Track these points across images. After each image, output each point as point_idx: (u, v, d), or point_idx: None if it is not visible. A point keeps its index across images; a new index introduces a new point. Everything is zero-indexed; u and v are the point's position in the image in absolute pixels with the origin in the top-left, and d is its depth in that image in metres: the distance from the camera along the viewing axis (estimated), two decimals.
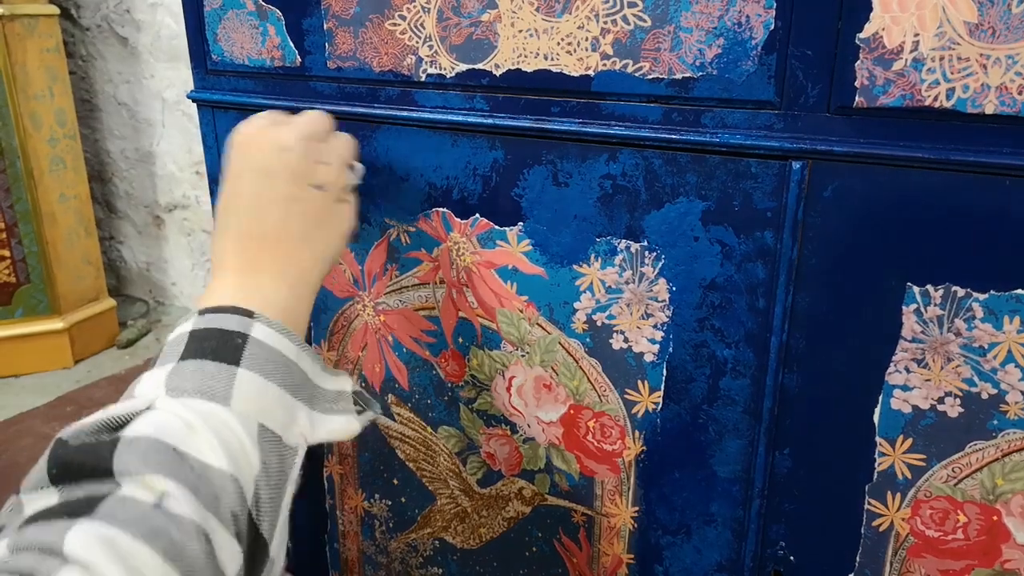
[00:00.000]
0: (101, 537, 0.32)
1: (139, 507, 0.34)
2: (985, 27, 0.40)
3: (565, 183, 0.56)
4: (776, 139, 0.47)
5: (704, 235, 0.52)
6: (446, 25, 0.57)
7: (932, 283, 0.46)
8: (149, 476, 0.34)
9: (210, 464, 0.36)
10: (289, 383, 0.43)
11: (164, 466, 0.35)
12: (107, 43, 2.41)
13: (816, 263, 0.49)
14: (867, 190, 0.46)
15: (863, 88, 0.44)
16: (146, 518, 0.33)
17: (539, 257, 0.59)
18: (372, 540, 0.80)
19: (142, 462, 0.35)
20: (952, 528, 0.49)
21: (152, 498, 0.34)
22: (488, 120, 0.57)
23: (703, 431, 0.56)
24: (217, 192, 0.55)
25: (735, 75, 0.48)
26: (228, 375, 0.40)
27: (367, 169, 0.66)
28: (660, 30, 0.49)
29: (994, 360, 0.45)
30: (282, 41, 0.66)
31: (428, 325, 0.67)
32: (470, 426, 0.68)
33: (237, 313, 0.43)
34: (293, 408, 0.42)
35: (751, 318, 0.52)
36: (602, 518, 0.63)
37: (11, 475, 1.70)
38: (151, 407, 0.38)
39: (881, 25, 0.43)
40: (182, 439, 0.36)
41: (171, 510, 0.34)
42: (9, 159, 2.02)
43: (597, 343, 0.58)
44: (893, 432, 0.49)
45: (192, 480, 0.35)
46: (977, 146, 0.42)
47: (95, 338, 2.29)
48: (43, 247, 2.12)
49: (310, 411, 0.44)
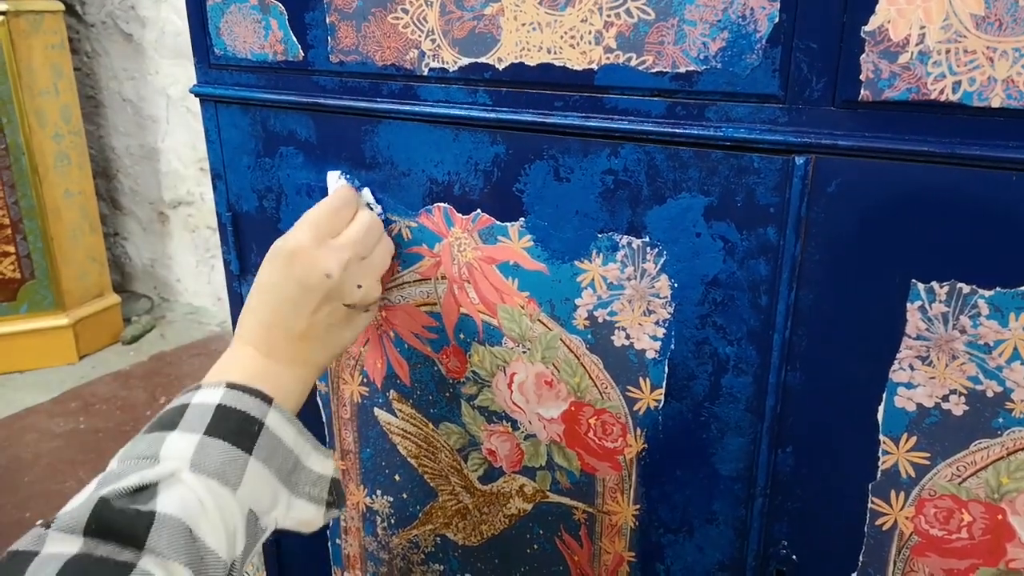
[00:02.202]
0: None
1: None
2: (992, 19, 0.40)
3: (567, 178, 0.56)
4: (780, 133, 0.47)
5: (706, 231, 0.51)
6: (449, 19, 0.57)
7: (937, 280, 0.45)
8: (171, 563, 0.40)
9: (212, 550, 0.42)
10: (283, 469, 0.48)
11: (182, 552, 0.40)
12: (112, 39, 2.41)
13: (819, 259, 0.48)
14: (871, 185, 0.45)
15: (868, 81, 0.44)
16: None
17: (540, 253, 0.58)
18: (374, 536, 0.80)
19: (169, 546, 0.40)
20: (956, 527, 0.49)
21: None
22: (491, 114, 0.57)
23: (705, 429, 0.56)
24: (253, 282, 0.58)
25: (739, 69, 0.47)
26: (241, 463, 0.45)
27: (369, 168, 0.65)
28: (664, 23, 0.49)
29: (1000, 357, 0.45)
30: (284, 35, 0.66)
31: (430, 321, 0.67)
32: (471, 422, 0.68)
33: (257, 397, 0.48)
34: (278, 493, 0.47)
35: (753, 315, 0.51)
36: (603, 516, 0.63)
37: (16, 470, 1.70)
38: (177, 477, 0.43)
39: (887, 18, 0.42)
40: (197, 521, 0.42)
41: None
42: (14, 155, 2.02)
43: (599, 340, 0.58)
44: (897, 430, 0.49)
45: (197, 563, 0.41)
46: (983, 140, 0.42)
47: (99, 334, 2.30)
48: (48, 243, 2.12)
49: (289, 496, 0.48)
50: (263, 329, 0.55)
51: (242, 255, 0.79)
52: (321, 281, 0.55)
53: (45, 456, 1.76)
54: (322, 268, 0.55)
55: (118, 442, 1.80)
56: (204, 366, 2.16)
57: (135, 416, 1.92)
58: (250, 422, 0.46)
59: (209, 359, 2.20)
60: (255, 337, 0.55)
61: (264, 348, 0.55)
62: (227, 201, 0.77)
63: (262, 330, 0.55)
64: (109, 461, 0.46)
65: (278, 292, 0.56)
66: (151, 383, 2.10)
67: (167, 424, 0.46)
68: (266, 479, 0.46)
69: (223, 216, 0.78)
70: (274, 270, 0.56)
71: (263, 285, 0.57)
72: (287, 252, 0.56)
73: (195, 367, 2.17)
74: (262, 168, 0.73)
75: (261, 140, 0.72)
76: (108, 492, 0.40)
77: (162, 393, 2.03)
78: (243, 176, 0.75)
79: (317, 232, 0.57)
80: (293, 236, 0.56)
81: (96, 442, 1.81)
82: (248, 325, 0.56)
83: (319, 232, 0.57)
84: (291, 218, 0.72)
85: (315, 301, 0.56)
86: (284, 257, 0.56)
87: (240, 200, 0.76)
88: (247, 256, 0.78)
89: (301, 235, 0.56)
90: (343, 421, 0.77)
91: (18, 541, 0.39)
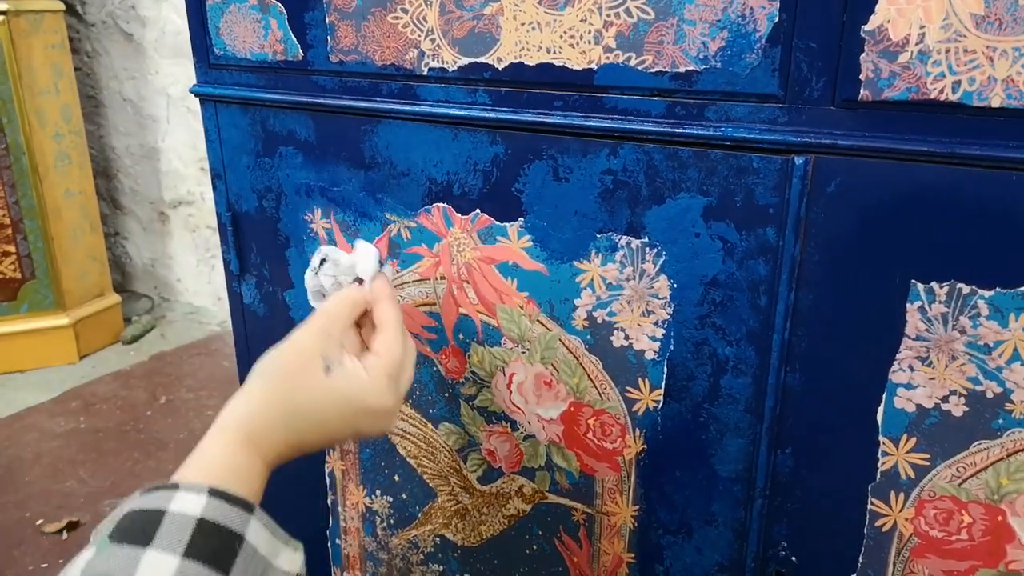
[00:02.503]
0: None
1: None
2: (992, 19, 0.40)
3: (566, 178, 0.56)
4: (780, 133, 0.47)
5: (705, 231, 0.51)
6: (448, 18, 0.57)
7: (937, 280, 0.45)
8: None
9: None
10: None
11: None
12: (112, 39, 2.41)
13: (819, 260, 0.48)
14: (871, 185, 0.45)
15: (868, 81, 0.44)
16: None
17: (539, 253, 0.58)
18: (373, 536, 0.80)
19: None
20: (956, 528, 0.48)
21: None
22: (490, 114, 0.57)
23: (704, 430, 0.56)
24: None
25: (739, 68, 0.47)
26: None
27: (368, 168, 0.65)
28: (663, 23, 0.49)
29: (1000, 358, 0.44)
30: (284, 35, 0.66)
31: (429, 321, 0.67)
32: (470, 423, 0.68)
33: (240, 506, 0.45)
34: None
35: (753, 316, 0.51)
36: (602, 516, 0.63)
37: (16, 470, 1.70)
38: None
39: (886, 17, 0.42)
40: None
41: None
42: (15, 155, 2.02)
43: (598, 340, 0.58)
44: (896, 431, 0.49)
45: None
46: (983, 140, 0.42)
47: (100, 334, 2.30)
48: (48, 243, 2.12)
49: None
50: (267, 431, 0.50)
51: (242, 255, 0.79)
52: (373, 425, 0.52)
53: (46, 456, 1.76)
54: (390, 427, 0.53)
55: (119, 442, 1.80)
56: (204, 366, 2.16)
57: (135, 416, 1.92)
58: (231, 538, 0.43)
59: (209, 359, 2.20)
60: (255, 435, 0.49)
61: (261, 447, 0.49)
62: (227, 201, 0.77)
63: (266, 432, 0.50)
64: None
65: (318, 419, 0.51)
66: (151, 383, 2.10)
67: (140, 535, 0.42)
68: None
69: (223, 216, 0.78)
70: (335, 407, 0.51)
71: (302, 404, 0.50)
72: (367, 407, 0.51)
73: (195, 367, 2.17)
74: (262, 168, 0.73)
75: (261, 140, 0.72)
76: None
77: (162, 393, 2.03)
78: (243, 176, 0.75)
79: (397, 387, 0.53)
80: (379, 392, 0.51)
81: (96, 442, 1.81)
82: (253, 423, 0.50)
83: (399, 390, 0.53)
84: (290, 218, 0.72)
85: (352, 436, 0.53)
86: (360, 410, 0.51)
87: (240, 200, 0.76)
88: (247, 256, 0.78)
89: (388, 396, 0.52)
90: None
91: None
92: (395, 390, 0.53)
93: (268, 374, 0.51)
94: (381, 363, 0.52)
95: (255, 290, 0.79)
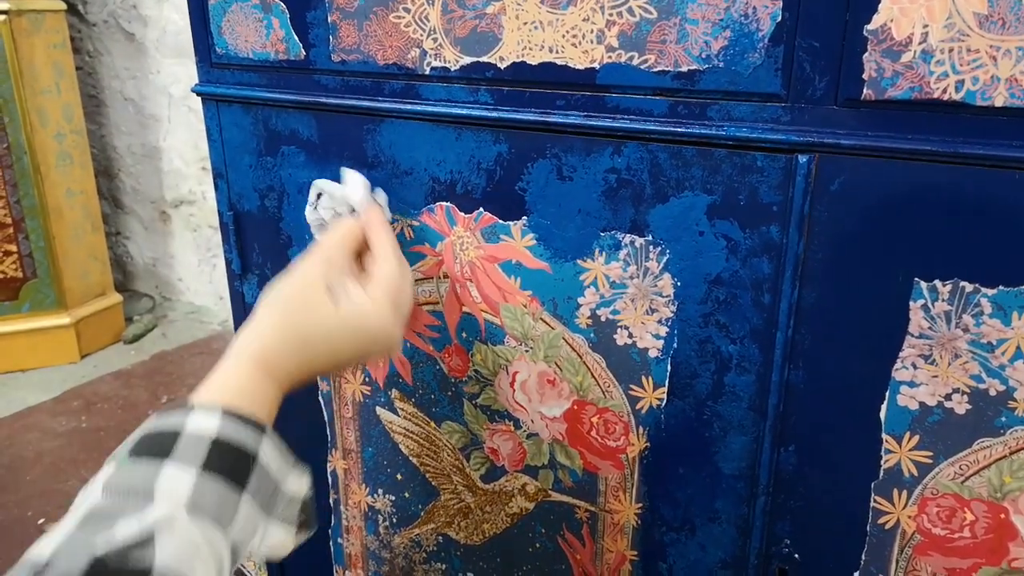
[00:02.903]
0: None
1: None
2: (995, 18, 0.40)
3: (569, 177, 0.56)
4: (783, 132, 0.47)
5: (709, 229, 0.51)
6: (450, 17, 0.57)
7: (940, 278, 0.45)
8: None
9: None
10: (265, 498, 0.46)
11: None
12: (114, 39, 2.41)
13: (822, 258, 0.48)
14: (874, 184, 0.45)
15: (871, 80, 0.44)
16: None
17: (543, 252, 0.58)
18: (376, 535, 0.80)
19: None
20: (959, 526, 0.49)
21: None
22: (493, 113, 0.57)
23: (707, 427, 0.56)
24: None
25: (742, 67, 0.47)
26: (235, 501, 0.44)
27: (371, 167, 0.65)
28: (666, 22, 0.49)
29: (1002, 356, 0.45)
30: (286, 34, 0.66)
31: (432, 320, 0.67)
32: (473, 421, 0.68)
33: (253, 427, 0.46)
34: (258, 523, 0.46)
35: (756, 314, 0.51)
36: (606, 514, 0.63)
37: (17, 469, 1.71)
38: (173, 522, 0.41)
39: (889, 16, 0.42)
40: (193, 568, 0.40)
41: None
42: (16, 154, 2.02)
43: (601, 338, 0.58)
44: (900, 429, 0.49)
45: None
46: (986, 139, 0.42)
47: (101, 333, 2.30)
48: (50, 242, 2.12)
49: (266, 521, 0.47)
50: (280, 359, 0.51)
51: (244, 254, 0.79)
52: (380, 351, 0.54)
53: (47, 455, 1.76)
54: (395, 350, 0.54)
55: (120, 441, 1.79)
56: (206, 365, 2.16)
57: (137, 415, 1.92)
58: (245, 457, 0.45)
59: (211, 358, 2.20)
60: (268, 362, 0.51)
61: (274, 373, 0.51)
62: (229, 200, 0.77)
63: (279, 359, 0.51)
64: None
65: (329, 348, 0.52)
66: (153, 382, 2.10)
67: (158, 450, 0.43)
68: (253, 513, 0.45)
69: (225, 215, 0.78)
70: (345, 335, 0.52)
71: (313, 333, 0.52)
72: (374, 335, 0.53)
73: (197, 366, 2.17)
74: (264, 167, 0.73)
75: (263, 139, 0.72)
76: (103, 547, 0.38)
77: (164, 392, 2.03)
78: (245, 175, 0.75)
79: (399, 311, 0.54)
80: (384, 318, 0.53)
81: (98, 441, 1.81)
82: (265, 351, 0.51)
83: (401, 313, 0.55)
84: (293, 217, 0.72)
85: (358, 360, 0.54)
86: (367, 338, 0.53)
87: (242, 199, 0.76)
88: (249, 255, 0.78)
89: (392, 321, 0.53)
90: (345, 420, 0.77)
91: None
92: (398, 313, 0.54)
93: (276, 304, 0.53)
94: (381, 288, 0.54)
95: (257, 289, 0.79)
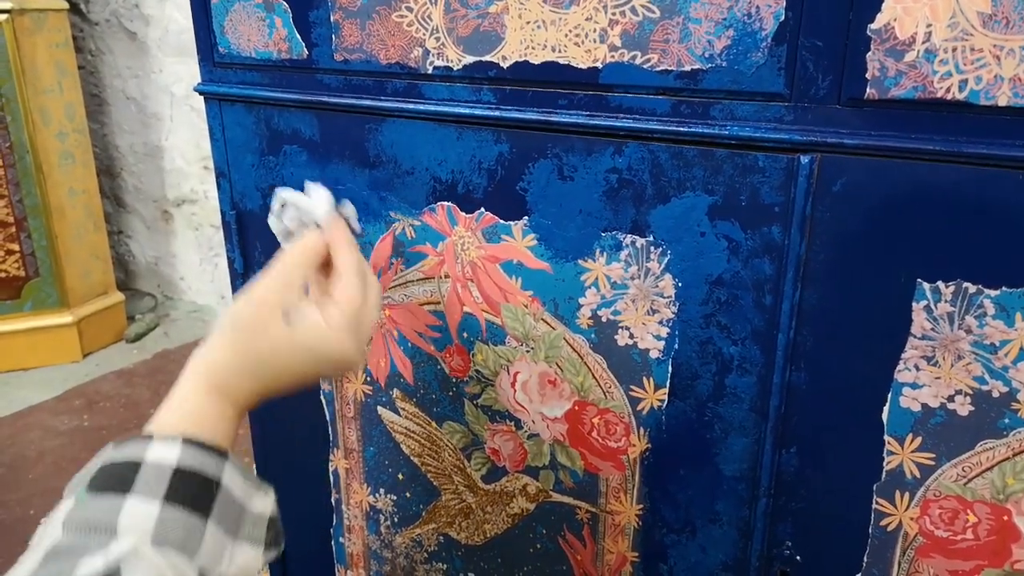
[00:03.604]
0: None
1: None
2: (999, 17, 0.40)
3: (570, 177, 0.56)
4: (786, 131, 0.47)
5: (711, 230, 0.51)
6: (453, 17, 0.57)
7: (943, 279, 0.45)
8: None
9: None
10: (230, 523, 0.46)
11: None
12: (116, 38, 2.41)
13: (824, 259, 0.48)
14: (877, 184, 0.45)
15: (874, 80, 0.44)
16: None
17: (544, 252, 0.58)
18: (377, 535, 0.80)
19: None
20: (961, 528, 0.48)
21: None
22: (495, 113, 0.57)
23: (709, 429, 0.56)
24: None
25: (745, 67, 0.47)
26: (200, 529, 0.43)
27: (372, 166, 0.65)
28: (669, 21, 0.48)
29: (1005, 358, 0.44)
30: (289, 33, 0.66)
31: (433, 320, 0.67)
32: (474, 421, 0.68)
33: (214, 453, 0.46)
34: (224, 547, 0.45)
35: (758, 315, 0.51)
36: (606, 515, 0.63)
37: (19, 467, 1.71)
38: (138, 554, 0.40)
39: (893, 16, 0.42)
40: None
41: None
42: (18, 154, 2.02)
43: (602, 339, 0.58)
44: (902, 430, 0.48)
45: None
46: (990, 139, 0.42)
47: (103, 332, 2.30)
48: (52, 241, 2.13)
49: (233, 544, 0.46)
50: (235, 379, 0.51)
51: (246, 253, 0.79)
52: (338, 371, 0.53)
53: (49, 454, 1.77)
54: (354, 368, 0.53)
55: None
56: None
57: (139, 414, 1.92)
58: (208, 484, 0.44)
59: None
60: (223, 384, 0.50)
61: (229, 394, 0.50)
62: (231, 199, 0.77)
63: (234, 379, 0.51)
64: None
65: (284, 370, 0.51)
66: (155, 381, 2.10)
67: (119, 484, 0.42)
68: (219, 537, 0.44)
69: (227, 214, 0.78)
70: (297, 357, 0.51)
71: (266, 355, 0.51)
72: (328, 356, 0.52)
73: None
74: (266, 166, 0.73)
75: (265, 138, 0.72)
76: None
77: (166, 391, 2.04)
78: (247, 174, 0.75)
79: (359, 331, 0.53)
80: (341, 341, 0.51)
81: (100, 440, 1.81)
82: (219, 373, 0.51)
83: (361, 333, 0.53)
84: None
85: (317, 379, 0.54)
86: (322, 359, 0.52)
87: (244, 198, 0.76)
88: (251, 254, 0.78)
89: (349, 343, 0.52)
90: (347, 420, 0.77)
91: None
92: (355, 337, 0.53)
93: (231, 327, 0.52)
94: (339, 310, 0.53)
95: None
